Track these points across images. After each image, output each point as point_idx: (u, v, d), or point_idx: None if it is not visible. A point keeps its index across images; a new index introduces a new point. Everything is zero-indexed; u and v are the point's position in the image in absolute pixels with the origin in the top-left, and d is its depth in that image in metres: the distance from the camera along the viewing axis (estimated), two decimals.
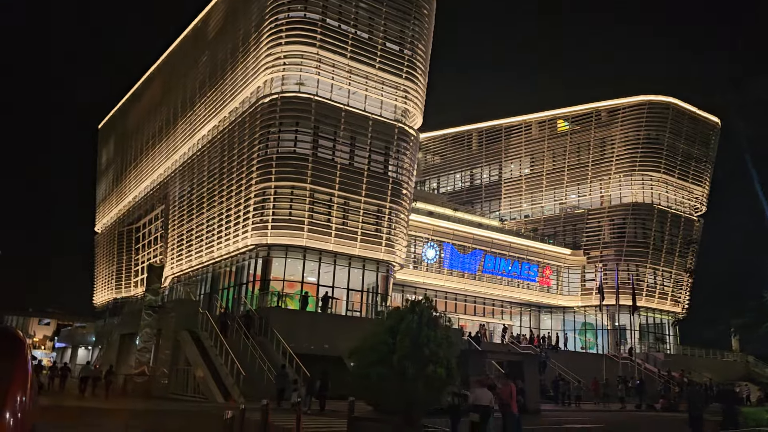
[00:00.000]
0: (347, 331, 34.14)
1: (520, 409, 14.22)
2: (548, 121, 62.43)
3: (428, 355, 7.15)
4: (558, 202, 60.72)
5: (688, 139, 57.75)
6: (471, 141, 68.04)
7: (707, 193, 59.89)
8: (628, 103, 57.45)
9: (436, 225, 49.31)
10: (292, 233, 37.68)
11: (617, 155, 57.02)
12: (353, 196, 39.56)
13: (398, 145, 41.68)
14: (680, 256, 57.24)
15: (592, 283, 56.67)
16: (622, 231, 55.71)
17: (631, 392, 37.19)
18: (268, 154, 38.74)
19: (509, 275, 53.07)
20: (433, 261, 49.05)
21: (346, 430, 13.51)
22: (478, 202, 65.18)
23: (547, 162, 61.62)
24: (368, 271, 40.63)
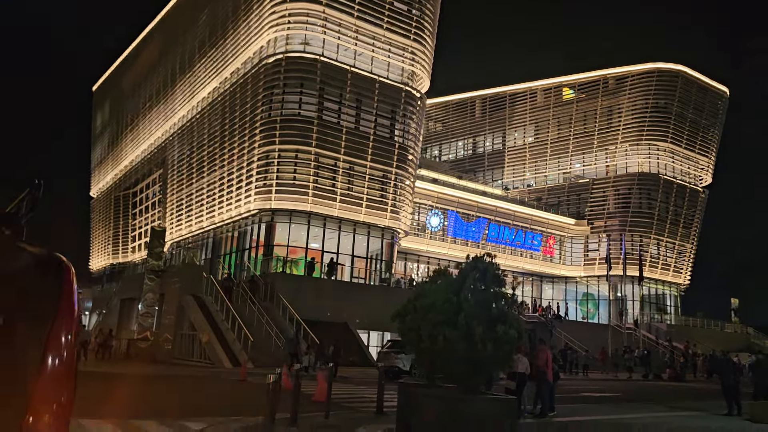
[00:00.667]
0: (353, 298, 33.74)
1: (554, 376, 13.61)
2: (554, 88, 61.24)
3: (497, 314, 6.41)
4: (562, 172, 59.92)
5: (696, 108, 56.82)
6: (474, 108, 66.86)
7: (713, 164, 59.18)
8: (636, 71, 56.32)
9: (440, 192, 48.51)
10: (297, 198, 36.83)
11: (624, 124, 56.09)
12: (358, 161, 38.62)
13: (405, 109, 40.62)
14: (684, 227, 56.79)
15: (595, 253, 56.28)
16: (627, 201, 55.08)
17: (637, 362, 36.95)
18: (272, 116, 37.66)
19: (513, 244, 52.53)
20: (437, 229, 48.39)
21: (375, 397, 12.88)
22: (481, 170, 64.32)
23: (552, 130, 60.64)
24: (373, 237, 39.94)
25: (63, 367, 1.70)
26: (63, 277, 1.79)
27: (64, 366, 1.70)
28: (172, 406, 12.20)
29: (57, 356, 1.69)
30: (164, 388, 16.39)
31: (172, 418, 10.27)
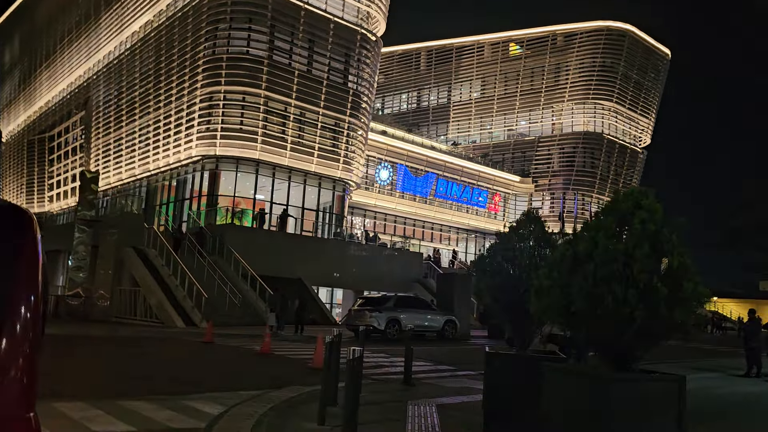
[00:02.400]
0: (307, 253, 31.67)
1: None
2: (502, 43, 60.01)
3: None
4: (507, 129, 59.26)
5: (640, 69, 57.19)
6: (419, 61, 64.78)
7: (653, 125, 60.17)
8: (585, 29, 55.80)
9: (390, 145, 46.62)
10: (244, 144, 34.03)
11: (571, 82, 55.74)
12: (311, 107, 36.05)
13: (359, 53, 38.18)
14: (624, 188, 57.60)
15: (539, 211, 56.30)
16: (572, 160, 55.19)
17: None
18: (217, 53, 34.33)
19: (460, 200, 51.62)
20: (386, 183, 46.63)
21: (378, 362, 11.15)
22: (425, 125, 62.70)
23: (499, 86, 59.64)
24: (324, 189, 37.73)
25: (25, 339, 1.51)
26: (23, 230, 1.59)
27: (27, 338, 1.51)
28: (153, 379, 9.97)
29: (16, 327, 1.49)
30: (127, 353, 13.98)
31: (166, 395, 8.12)
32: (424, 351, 17.81)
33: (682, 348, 17.74)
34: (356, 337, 21.59)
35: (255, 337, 18.35)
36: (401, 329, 21.29)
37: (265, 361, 12.93)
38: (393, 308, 21.38)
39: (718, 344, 29.51)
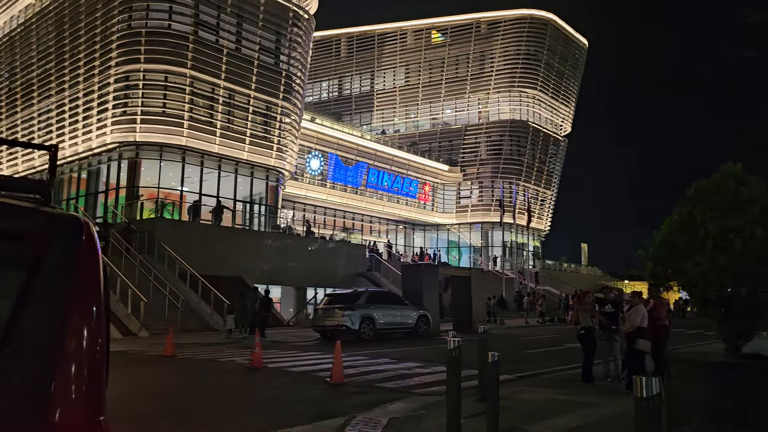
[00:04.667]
0: (245, 247, 28.80)
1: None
2: (425, 30, 58.82)
3: None
4: (433, 117, 58.23)
5: (561, 58, 57.88)
6: (340, 47, 62.42)
7: (573, 114, 61.25)
8: (508, 17, 55.65)
9: (320, 133, 44.10)
10: (168, 130, 30.54)
11: (497, 70, 55.43)
12: (241, 89, 33.05)
13: (291, 32, 35.51)
14: (547, 176, 58.31)
15: (467, 200, 55.81)
16: (499, 148, 54.93)
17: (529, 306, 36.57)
18: (134, 27, 30.58)
19: (391, 190, 49.98)
20: (316, 173, 44.11)
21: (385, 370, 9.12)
22: (348, 113, 60.45)
23: (424, 74, 58.43)
24: (257, 179, 34.79)
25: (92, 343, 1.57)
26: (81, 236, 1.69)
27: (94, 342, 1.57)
28: (167, 418, 7.34)
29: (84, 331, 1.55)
30: None
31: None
32: (415, 351, 15.87)
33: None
34: (324, 339, 19.33)
35: (218, 347, 15.69)
36: (375, 328, 19.22)
37: (269, 379, 10.48)
38: (366, 305, 19.24)
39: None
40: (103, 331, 1.65)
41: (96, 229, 1.81)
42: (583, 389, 9.64)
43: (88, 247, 1.69)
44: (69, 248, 1.65)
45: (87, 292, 1.62)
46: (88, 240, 1.70)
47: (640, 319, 9.17)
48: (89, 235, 1.71)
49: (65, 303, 1.57)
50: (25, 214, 1.75)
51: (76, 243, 1.67)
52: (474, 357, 14.08)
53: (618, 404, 8.23)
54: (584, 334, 10.31)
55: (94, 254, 1.70)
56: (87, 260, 1.66)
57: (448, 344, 6.16)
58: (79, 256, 1.64)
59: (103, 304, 1.66)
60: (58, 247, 1.64)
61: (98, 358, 1.59)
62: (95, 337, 1.60)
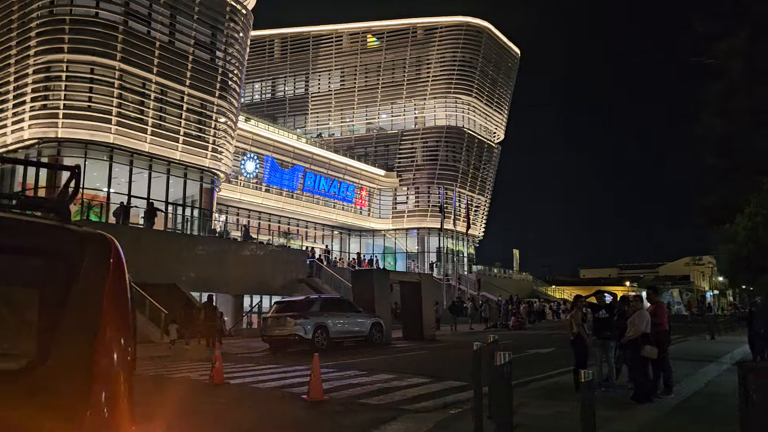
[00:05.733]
0: (180, 253, 27.06)
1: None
2: (361, 33, 58.14)
3: None
4: (369, 122, 57.57)
5: (495, 66, 58.61)
6: (273, 48, 60.76)
7: (506, 122, 62.13)
8: (445, 23, 55.81)
9: (256, 134, 42.48)
10: (94, 126, 28.36)
11: (433, 76, 55.43)
12: (175, 85, 31.21)
13: (229, 27, 33.96)
14: (481, 182, 58.82)
15: (403, 206, 55.43)
16: (435, 154, 54.89)
17: (470, 312, 36.41)
18: (57, 14, 28.23)
19: (328, 195, 48.85)
20: (252, 176, 42.41)
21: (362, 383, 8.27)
22: (282, 116, 58.80)
23: (360, 78, 57.68)
24: (191, 180, 32.91)
25: (123, 355, 1.66)
26: (109, 254, 1.79)
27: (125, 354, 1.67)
28: None
29: (110, 335, 1.64)
30: None
31: None
32: (379, 362, 14.97)
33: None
34: (274, 350, 18.10)
35: (162, 360, 14.21)
36: (329, 336, 18.15)
37: (240, 397, 9.25)
38: (319, 313, 18.13)
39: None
40: (132, 343, 1.75)
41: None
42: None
43: (117, 263, 1.83)
44: (100, 265, 1.76)
45: (118, 306, 1.72)
46: (116, 257, 1.84)
47: (645, 324, 8.65)
48: (116, 252, 1.85)
49: (100, 317, 1.65)
50: (58, 232, 1.83)
51: (106, 260, 1.79)
52: (439, 366, 13.37)
53: (634, 418, 7.62)
54: (574, 341, 9.72)
55: (122, 270, 1.84)
56: (117, 276, 1.78)
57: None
58: (109, 272, 1.75)
59: (131, 317, 1.77)
60: (91, 263, 1.75)
61: (130, 370, 1.68)
62: (127, 349, 1.70)
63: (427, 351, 18.21)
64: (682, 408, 8.23)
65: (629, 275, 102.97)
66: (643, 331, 8.61)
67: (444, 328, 29.87)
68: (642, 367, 8.54)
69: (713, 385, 10.21)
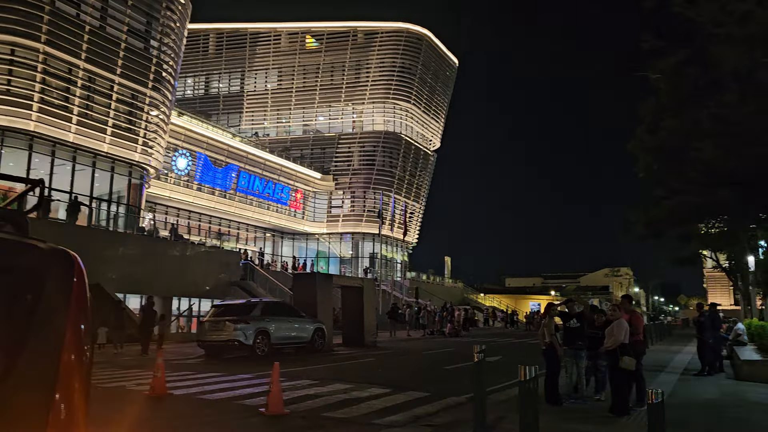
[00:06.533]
0: (106, 251, 25.33)
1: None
2: (300, 33, 57.14)
3: None
4: (305, 123, 56.55)
5: (434, 74, 58.93)
6: (208, 43, 58.81)
7: (442, 130, 62.55)
8: (386, 28, 55.65)
9: (189, 130, 40.71)
10: (13, 112, 26.14)
11: (372, 81, 55.10)
12: (104, 73, 29.35)
13: (164, 15, 32.37)
14: (417, 189, 58.89)
15: (338, 210, 54.68)
16: (372, 159, 54.49)
17: (406, 319, 36.09)
18: None
19: (262, 196, 47.45)
20: (183, 173, 40.56)
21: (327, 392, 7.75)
22: (215, 113, 56.85)
23: (297, 78, 56.61)
24: (118, 175, 30.99)
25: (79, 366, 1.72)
26: (72, 271, 1.80)
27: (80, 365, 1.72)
28: None
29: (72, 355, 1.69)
30: None
31: None
32: (329, 370, 14.23)
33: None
34: (211, 356, 16.99)
35: (95, 367, 12.89)
36: (270, 342, 17.21)
37: (189, 413, 8.26)
38: (261, 317, 17.15)
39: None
40: (90, 358, 1.79)
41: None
42: (561, 413, 8.62)
43: (80, 281, 1.82)
44: (64, 283, 1.76)
45: (81, 324, 1.73)
46: (79, 274, 1.84)
47: (624, 334, 8.37)
48: (79, 269, 1.85)
49: (62, 333, 1.66)
50: (22, 249, 1.83)
51: (70, 278, 1.78)
52: (393, 375, 12.79)
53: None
54: (546, 351, 9.36)
55: (85, 287, 1.83)
56: (80, 294, 1.78)
57: (521, 374, 4.73)
58: (72, 291, 1.75)
59: (89, 328, 1.78)
60: (55, 281, 1.74)
61: (87, 382, 1.74)
62: (89, 368, 1.76)
63: (374, 358, 17.58)
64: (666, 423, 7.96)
65: (552, 284, 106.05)
66: (622, 341, 8.33)
67: (382, 334, 29.31)
68: (621, 379, 8.25)
69: (678, 397, 10.10)
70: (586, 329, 9.58)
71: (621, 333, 8.35)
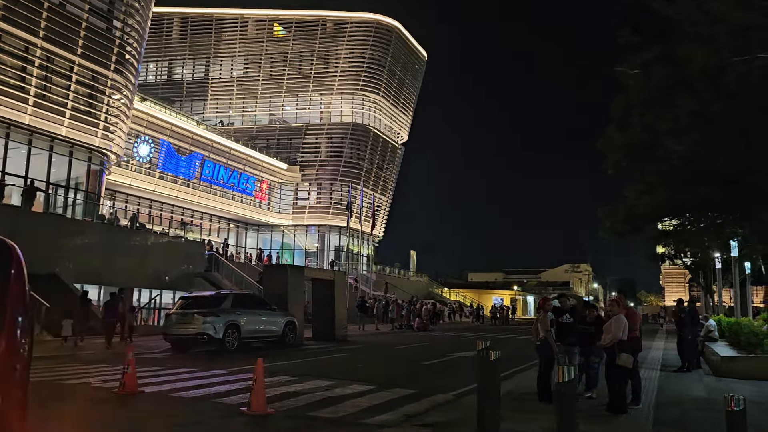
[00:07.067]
0: (63, 239, 24.21)
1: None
2: (268, 21, 55.94)
3: None
4: (271, 113, 55.50)
5: (403, 66, 58.49)
6: (172, 27, 57.10)
7: (410, 123, 62.21)
8: (355, 18, 54.91)
9: (152, 115, 39.38)
10: None
11: (341, 71, 54.35)
12: (64, 53, 28.02)
13: None
14: (384, 182, 58.46)
15: (304, 201, 53.90)
16: (340, 151, 53.83)
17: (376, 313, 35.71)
18: None
19: (227, 186, 46.34)
20: (145, 160, 39.23)
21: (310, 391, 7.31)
22: (178, 100, 55.27)
23: (264, 67, 55.47)
24: (77, 160, 29.68)
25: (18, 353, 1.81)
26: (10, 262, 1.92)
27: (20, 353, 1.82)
28: None
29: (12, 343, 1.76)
30: None
31: None
32: (306, 365, 13.71)
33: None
34: (177, 350, 16.26)
35: (48, 361, 12.13)
36: (240, 336, 16.56)
37: (162, 413, 7.62)
38: (231, 310, 16.48)
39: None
40: (30, 339, 1.91)
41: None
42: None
43: (19, 272, 1.96)
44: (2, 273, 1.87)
45: (19, 315, 1.85)
46: (18, 265, 1.98)
47: (623, 330, 8.09)
48: (18, 259, 1.99)
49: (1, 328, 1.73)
50: None
51: (8, 268, 1.91)
52: (373, 371, 12.35)
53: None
54: (540, 346, 9.03)
55: (23, 277, 1.98)
56: (18, 284, 1.89)
57: (559, 375, 4.32)
58: (10, 281, 1.85)
59: (28, 317, 1.92)
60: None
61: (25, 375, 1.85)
62: (28, 358, 1.86)
63: (349, 353, 17.10)
64: (662, 420, 7.72)
65: (514, 279, 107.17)
66: (620, 338, 8.05)
67: (351, 328, 28.82)
68: (618, 377, 7.97)
69: (667, 395, 9.91)
70: (578, 325, 9.30)
71: (619, 329, 8.06)
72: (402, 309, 33.60)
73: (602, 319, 9.13)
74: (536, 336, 9.08)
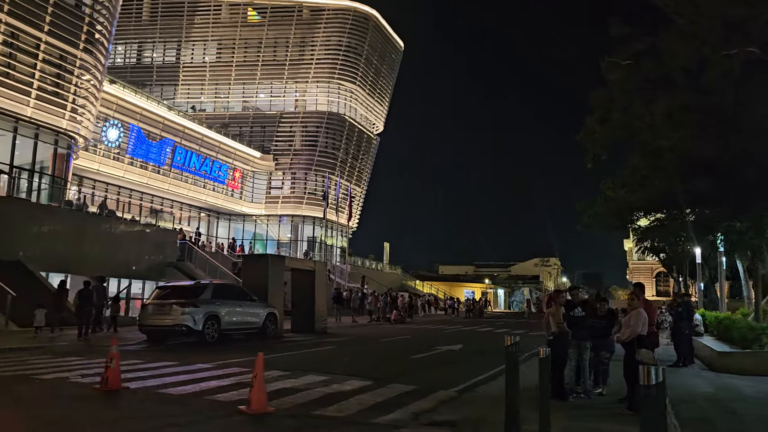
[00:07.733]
0: (28, 225, 23.02)
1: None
2: (243, 5, 54.59)
3: None
4: (244, 100, 54.28)
5: (380, 56, 57.77)
6: (142, 9, 55.31)
7: (386, 113, 61.57)
8: (332, 6, 53.91)
9: (121, 99, 37.99)
10: None
11: (317, 59, 53.38)
12: (30, 29, 26.71)
13: None
14: (359, 172, 57.79)
15: (278, 191, 52.92)
16: (315, 140, 52.93)
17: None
18: None
19: (199, 173, 45.13)
20: (114, 145, 37.85)
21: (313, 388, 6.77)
22: (148, 84, 53.57)
23: (238, 52, 54.14)
24: (43, 143, 28.36)
25: None
26: None
27: None
28: None
29: None
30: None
31: None
32: (295, 358, 13.11)
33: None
34: (153, 341, 15.47)
35: (18, 354, 11.29)
36: (220, 328, 15.84)
37: (154, 413, 6.92)
38: (211, 300, 15.73)
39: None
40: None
41: None
42: (572, 410, 7.86)
43: None
44: None
45: None
46: None
47: (642, 325, 7.67)
48: None
49: None
50: None
51: None
52: (364, 364, 11.78)
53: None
54: (552, 341, 8.57)
55: None
56: None
57: (643, 376, 3.81)
58: None
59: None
60: None
61: None
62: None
63: (334, 346, 16.49)
64: (686, 419, 7.32)
65: (485, 273, 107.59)
66: (639, 332, 7.64)
67: (329, 320, 28.24)
68: (637, 373, 7.56)
69: (675, 392, 9.56)
70: (590, 319, 8.88)
71: (639, 324, 7.65)
72: (379, 301, 33.10)
73: (614, 313, 8.72)
74: (548, 330, 8.63)
